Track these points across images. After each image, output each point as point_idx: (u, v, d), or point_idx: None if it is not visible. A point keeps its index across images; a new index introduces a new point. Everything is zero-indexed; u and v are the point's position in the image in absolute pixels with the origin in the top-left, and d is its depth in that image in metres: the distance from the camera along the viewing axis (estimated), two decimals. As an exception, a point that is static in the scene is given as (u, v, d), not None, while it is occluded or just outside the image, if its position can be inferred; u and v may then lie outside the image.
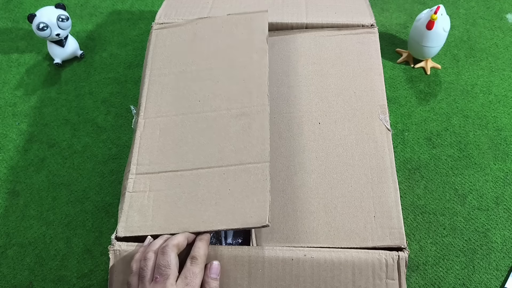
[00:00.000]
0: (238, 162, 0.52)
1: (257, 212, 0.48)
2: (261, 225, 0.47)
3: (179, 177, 0.53)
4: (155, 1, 1.01)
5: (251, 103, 0.56)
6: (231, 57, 0.61)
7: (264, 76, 0.58)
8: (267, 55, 0.60)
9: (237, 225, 0.47)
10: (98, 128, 0.81)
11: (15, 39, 0.95)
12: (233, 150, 0.53)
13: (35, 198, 0.73)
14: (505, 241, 0.67)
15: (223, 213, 0.49)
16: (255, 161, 0.51)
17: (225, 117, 0.56)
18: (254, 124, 0.54)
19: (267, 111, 0.55)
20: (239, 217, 0.48)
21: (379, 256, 0.48)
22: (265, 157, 0.51)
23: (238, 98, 0.57)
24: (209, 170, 0.52)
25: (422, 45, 0.81)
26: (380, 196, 0.53)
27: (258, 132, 0.54)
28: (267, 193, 0.49)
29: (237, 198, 0.49)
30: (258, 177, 0.50)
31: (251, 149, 0.53)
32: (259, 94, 0.56)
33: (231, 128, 0.55)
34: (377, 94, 0.61)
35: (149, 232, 0.49)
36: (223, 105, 0.57)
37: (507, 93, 0.83)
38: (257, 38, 0.62)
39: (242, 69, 0.60)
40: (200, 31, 0.65)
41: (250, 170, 0.51)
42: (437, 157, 0.75)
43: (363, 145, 0.57)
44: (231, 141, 0.54)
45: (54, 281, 0.66)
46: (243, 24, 0.64)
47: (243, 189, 0.50)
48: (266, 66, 0.59)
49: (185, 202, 0.51)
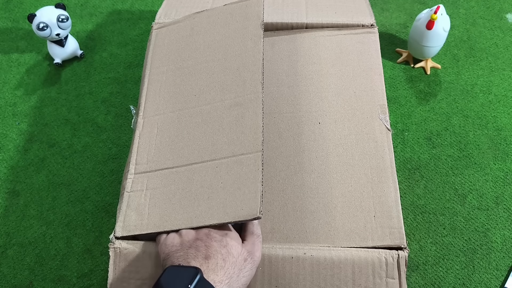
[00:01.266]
0: (231, 154, 0.51)
1: (248, 204, 0.46)
2: (252, 218, 0.45)
3: (174, 173, 0.52)
4: (155, 1, 1.01)
5: (245, 91, 0.55)
6: (226, 47, 0.60)
7: (258, 62, 0.56)
8: (261, 41, 0.58)
9: (228, 219, 0.46)
10: (98, 128, 0.81)
11: (15, 39, 0.95)
12: (226, 142, 0.52)
13: (35, 198, 0.73)
14: (505, 241, 0.67)
15: (215, 207, 0.48)
16: (247, 152, 0.50)
17: (219, 109, 0.55)
18: (247, 113, 0.53)
19: (260, 99, 0.53)
20: (230, 210, 0.47)
21: (379, 255, 0.48)
22: (258, 146, 0.50)
23: (232, 88, 0.56)
24: (203, 165, 0.51)
25: (422, 45, 0.81)
26: (380, 196, 0.53)
27: (251, 121, 0.52)
28: (259, 184, 0.47)
29: (229, 191, 0.48)
30: (250, 168, 0.49)
31: (244, 139, 0.51)
32: (252, 82, 0.55)
33: (225, 119, 0.54)
34: (377, 94, 0.61)
35: (145, 230, 0.49)
36: (217, 97, 0.56)
37: (507, 93, 0.83)
38: (252, 25, 0.60)
39: (237, 57, 0.58)
40: (197, 25, 0.65)
41: (243, 161, 0.50)
42: (437, 157, 0.75)
43: (363, 145, 0.57)
44: (224, 133, 0.53)
45: (54, 281, 0.66)
46: (238, 12, 0.63)
47: (235, 181, 0.49)
48: (260, 52, 0.57)
49: (179, 199, 0.50)
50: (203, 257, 0.42)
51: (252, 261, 0.45)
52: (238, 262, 0.43)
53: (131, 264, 0.49)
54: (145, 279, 0.48)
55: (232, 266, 0.42)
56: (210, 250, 0.43)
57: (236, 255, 0.43)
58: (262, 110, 0.52)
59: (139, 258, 0.49)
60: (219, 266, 0.42)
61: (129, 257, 0.49)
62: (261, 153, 0.49)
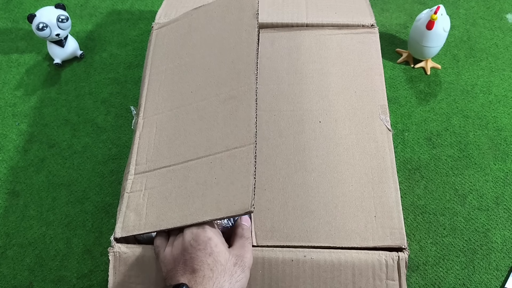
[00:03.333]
0: (225, 148, 0.50)
1: (240, 198, 0.45)
2: (245, 212, 0.44)
3: (171, 172, 0.52)
4: (155, 1, 1.01)
5: (239, 84, 0.54)
6: (222, 41, 0.59)
7: (252, 53, 0.55)
8: (256, 31, 0.57)
9: (221, 214, 0.45)
10: (98, 128, 0.81)
11: (15, 39, 0.95)
12: (220, 136, 0.51)
13: (35, 198, 0.73)
14: (505, 241, 0.67)
15: (209, 204, 0.47)
16: (240, 145, 0.49)
17: (214, 103, 0.54)
18: (241, 106, 0.52)
19: (254, 90, 0.52)
20: (223, 205, 0.46)
21: (379, 257, 0.48)
22: (250, 139, 0.49)
23: (226, 81, 0.55)
24: (198, 161, 0.51)
25: (422, 45, 0.81)
26: (380, 196, 0.53)
27: (245, 114, 0.51)
28: (251, 177, 0.46)
29: (222, 187, 0.47)
30: (243, 161, 0.48)
31: (238, 132, 0.50)
32: (246, 73, 0.54)
33: (219, 114, 0.53)
34: (378, 94, 0.61)
35: (143, 230, 0.49)
36: (212, 92, 0.55)
37: (507, 93, 0.83)
38: (247, 16, 0.59)
39: (231, 50, 0.57)
40: (194, 21, 0.64)
41: (236, 155, 0.49)
42: (437, 157, 0.75)
43: (363, 145, 0.56)
44: (218, 128, 0.52)
45: (54, 281, 0.66)
46: (234, 4, 0.62)
47: (229, 176, 0.48)
48: (254, 43, 0.56)
49: (175, 197, 0.50)
50: (190, 271, 0.42)
51: (243, 264, 0.44)
52: (227, 268, 0.43)
53: (131, 268, 0.49)
54: (145, 283, 0.48)
55: (222, 274, 0.42)
56: (196, 262, 0.42)
57: (224, 262, 0.43)
58: (256, 102, 0.51)
59: (139, 262, 0.49)
60: (207, 277, 0.41)
61: (128, 261, 0.49)
62: (253, 145, 0.48)
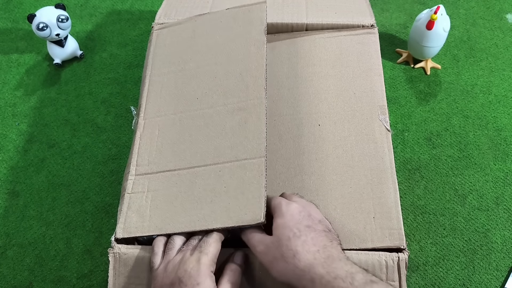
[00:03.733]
0: (234, 159, 0.51)
1: (252, 209, 0.47)
2: (256, 223, 0.45)
3: (176, 176, 0.52)
4: (155, 1, 1.01)
5: (248, 97, 0.55)
6: (229, 51, 0.60)
7: (261, 68, 0.56)
8: (264, 47, 0.58)
9: (232, 223, 0.46)
10: (98, 129, 0.81)
11: (15, 39, 0.95)
12: (229, 146, 0.52)
13: (35, 198, 0.73)
14: (505, 241, 0.67)
15: (218, 211, 0.48)
16: (251, 157, 0.50)
17: (221, 113, 0.55)
18: (250, 118, 0.53)
19: (264, 104, 0.53)
20: (234, 214, 0.47)
21: (379, 258, 0.48)
22: (261, 152, 0.50)
23: (235, 92, 0.56)
24: (205, 168, 0.52)
25: (422, 45, 0.81)
26: (379, 197, 0.53)
27: (254, 127, 0.52)
28: (263, 189, 0.47)
29: (232, 196, 0.48)
30: (253, 173, 0.49)
31: (247, 144, 0.51)
32: (255, 88, 0.55)
33: (227, 123, 0.54)
34: (377, 94, 0.61)
35: (146, 232, 0.49)
36: (220, 101, 0.56)
37: (507, 93, 0.83)
38: (255, 30, 0.60)
39: (239, 62, 0.58)
40: (199, 27, 0.65)
41: (246, 166, 0.50)
42: (437, 157, 0.75)
43: (362, 146, 0.56)
44: (227, 137, 0.53)
45: (54, 281, 0.66)
46: (241, 17, 0.63)
47: (238, 186, 0.49)
48: (263, 58, 0.57)
49: (182, 201, 0.50)
50: None
51: None
52: None
53: (131, 269, 0.49)
54: (145, 284, 0.48)
55: None
56: None
57: None
58: (266, 117, 0.53)
59: (139, 263, 0.49)
60: None
61: (128, 262, 0.49)
62: (264, 159, 0.50)
